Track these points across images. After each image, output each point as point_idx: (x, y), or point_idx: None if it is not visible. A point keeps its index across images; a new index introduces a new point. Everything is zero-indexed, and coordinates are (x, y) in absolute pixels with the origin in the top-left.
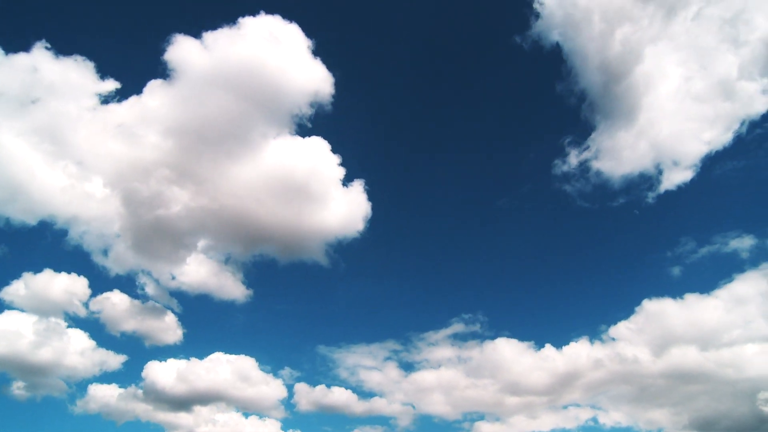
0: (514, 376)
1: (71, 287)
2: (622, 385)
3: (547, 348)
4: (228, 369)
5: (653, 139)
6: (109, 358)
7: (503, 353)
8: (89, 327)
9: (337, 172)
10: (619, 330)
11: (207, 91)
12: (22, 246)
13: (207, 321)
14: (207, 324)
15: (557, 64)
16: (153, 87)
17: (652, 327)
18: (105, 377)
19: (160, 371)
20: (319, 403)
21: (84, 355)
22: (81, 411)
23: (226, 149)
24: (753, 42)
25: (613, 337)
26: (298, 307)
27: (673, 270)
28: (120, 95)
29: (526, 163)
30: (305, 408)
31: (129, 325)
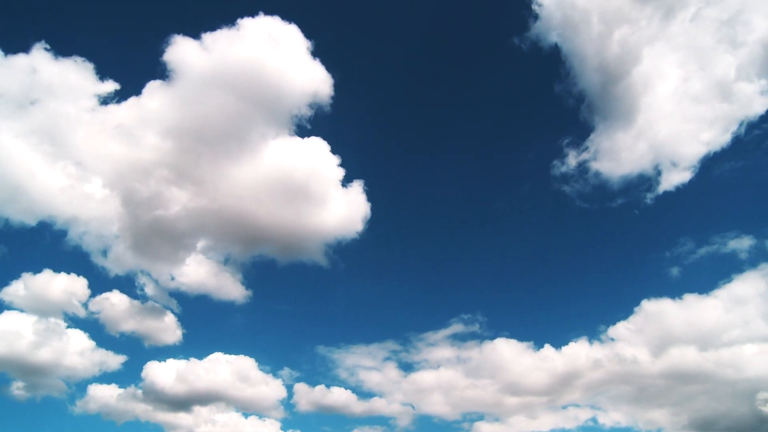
0: (513, 376)
1: (71, 287)
2: (621, 386)
3: (547, 348)
4: (227, 369)
5: (652, 140)
6: (109, 358)
7: (502, 353)
8: (89, 327)
9: (337, 172)
10: (618, 330)
11: (206, 92)
12: (21, 246)
13: (206, 321)
14: (206, 324)
15: (556, 65)
16: (152, 88)
17: (651, 327)
18: (104, 377)
19: (159, 371)
20: (319, 404)
21: (83, 356)
22: (81, 411)
23: (225, 150)
24: (751, 43)
25: (612, 338)
26: (297, 308)
27: (672, 270)
28: (119, 96)
29: (525, 164)
30: (305, 408)
31: (128, 326)
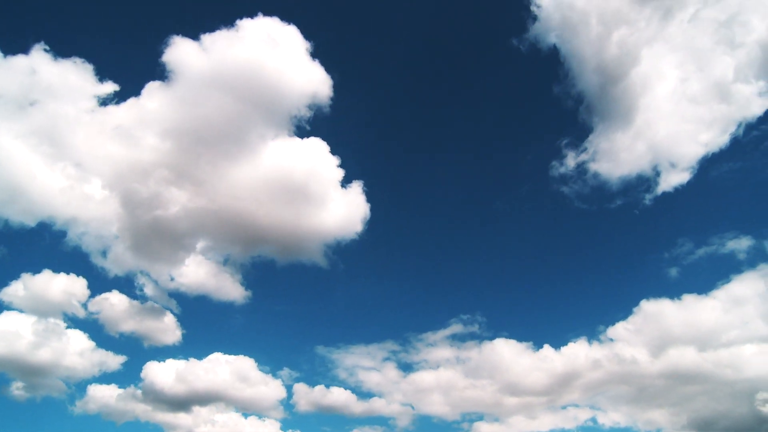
0: (512, 376)
1: (70, 288)
2: (620, 386)
3: (546, 348)
4: (227, 369)
5: (650, 141)
6: (109, 358)
7: (502, 354)
8: (88, 328)
9: (336, 173)
10: (617, 330)
11: (205, 93)
12: (21, 247)
13: (206, 322)
14: (206, 325)
15: (554, 66)
16: (151, 89)
17: (650, 327)
18: (104, 378)
19: (159, 372)
20: (318, 404)
21: (83, 356)
22: (80, 411)
23: (224, 150)
24: (749, 44)
25: (611, 338)
26: (296, 308)
27: (671, 271)
28: (118, 97)
29: (523, 165)
30: (304, 408)
31: (128, 326)
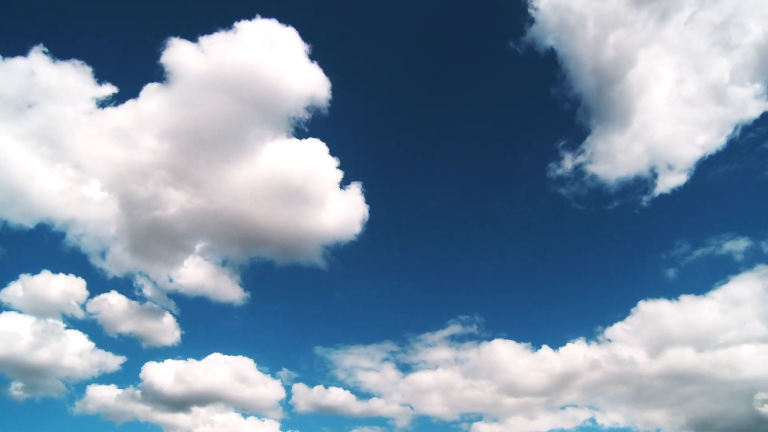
0: (511, 377)
1: (69, 289)
2: (619, 386)
3: (544, 349)
4: (226, 370)
5: (647, 143)
6: (108, 359)
7: (500, 354)
8: (87, 328)
9: (335, 174)
10: (615, 331)
11: (204, 95)
12: (20, 248)
13: (205, 322)
14: (205, 325)
15: (552, 68)
16: (150, 90)
17: (648, 328)
18: (103, 378)
19: (158, 372)
20: (317, 404)
21: (82, 356)
22: (80, 412)
23: (223, 152)
24: (745, 46)
25: (610, 339)
26: (295, 309)
27: (669, 272)
28: (117, 99)
29: (521, 167)
30: (303, 409)
31: (127, 327)
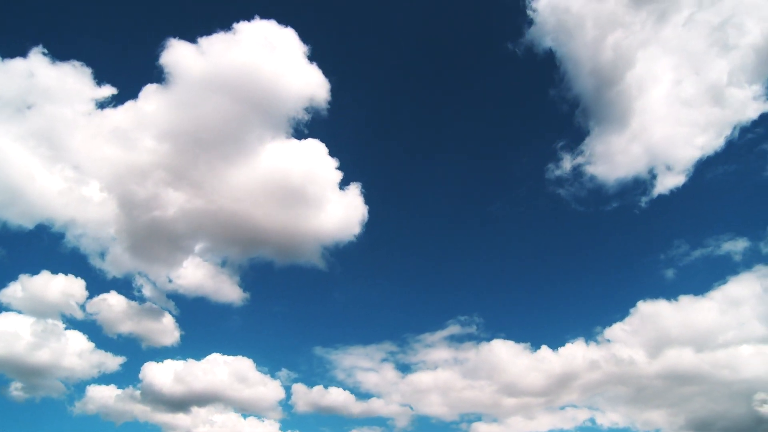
0: (510, 377)
1: (68, 289)
2: (618, 386)
3: (543, 349)
4: (225, 370)
5: (646, 144)
6: (107, 359)
7: (499, 354)
8: (87, 329)
9: (334, 175)
10: (614, 331)
11: (203, 96)
12: (19, 248)
13: (204, 323)
14: (204, 326)
15: (550, 69)
16: (149, 91)
17: (647, 328)
18: (103, 378)
19: (157, 372)
20: (317, 404)
21: (82, 357)
22: (79, 412)
23: (222, 152)
24: (743, 47)
25: (609, 339)
26: (294, 309)
27: (667, 272)
28: (116, 100)
29: (520, 168)
30: (303, 409)
31: (126, 327)
